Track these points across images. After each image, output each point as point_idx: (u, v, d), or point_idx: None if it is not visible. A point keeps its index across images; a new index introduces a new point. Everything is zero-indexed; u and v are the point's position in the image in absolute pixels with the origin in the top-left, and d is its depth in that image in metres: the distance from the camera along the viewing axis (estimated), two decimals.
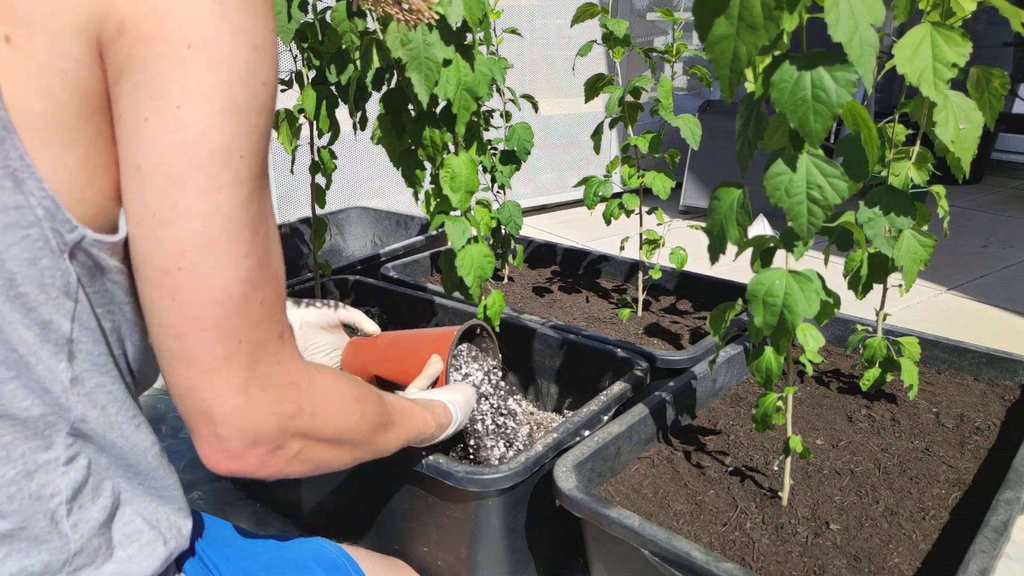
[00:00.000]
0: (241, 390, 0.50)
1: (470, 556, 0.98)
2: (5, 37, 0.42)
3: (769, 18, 0.56)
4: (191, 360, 0.49)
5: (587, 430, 0.98)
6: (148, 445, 0.57)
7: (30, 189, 0.44)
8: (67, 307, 0.48)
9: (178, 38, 0.44)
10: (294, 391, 0.54)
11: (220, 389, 0.50)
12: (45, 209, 0.45)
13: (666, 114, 1.29)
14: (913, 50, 0.71)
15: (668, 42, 1.37)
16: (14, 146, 0.43)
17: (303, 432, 0.55)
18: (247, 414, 0.51)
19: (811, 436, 1.04)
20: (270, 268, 0.51)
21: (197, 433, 0.52)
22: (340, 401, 0.60)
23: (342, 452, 0.62)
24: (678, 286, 1.63)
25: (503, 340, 1.33)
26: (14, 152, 0.43)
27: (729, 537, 0.85)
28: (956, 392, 1.15)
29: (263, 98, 0.48)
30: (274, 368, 0.52)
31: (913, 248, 0.93)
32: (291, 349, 0.54)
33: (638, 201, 1.39)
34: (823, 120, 0.61)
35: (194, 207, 0.46)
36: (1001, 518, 0.77)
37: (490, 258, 1.00)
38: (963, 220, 3.21)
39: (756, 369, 0.80)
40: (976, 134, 0.78)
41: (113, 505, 0.54)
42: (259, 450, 0.53)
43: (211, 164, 0.46)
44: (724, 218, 0.71)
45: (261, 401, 0.51)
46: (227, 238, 0.47)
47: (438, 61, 0.85)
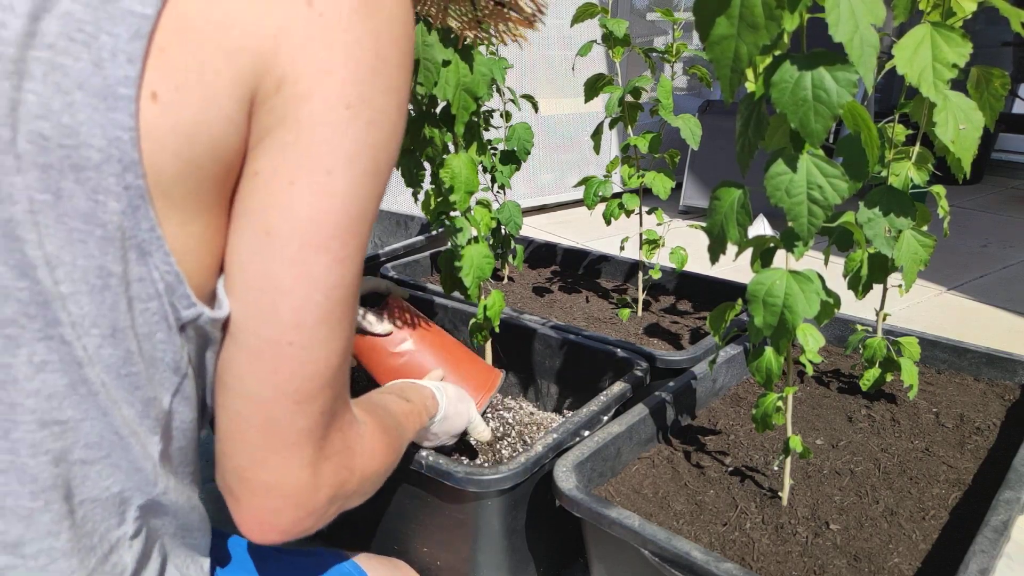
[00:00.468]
0: (310, 463, 0.47)
1: (470, 556, 0.98)
2: (152, 94, 0.39)
3: (770, 18, 0.56)
4: (273, 433, 0.45)
5: (587, 430, 0.98)
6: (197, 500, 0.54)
7: (155, 262, 0.41)
8: (172, 382, 0.45)
9: (338, 98, 0.41)
10: (348, 457, 0.52)
11: (292, 463, 0.47)
12: (166, 283, 0.42)
13: (666, 114, 1.29)
14: (913, 50, 0.71)
15: (668, 42, 1.37)
16: (147, 216, 0.40)
17: (351, 492, 0.53)
18: (310, 489, 0.48)
19: (811, 436, 1.04)
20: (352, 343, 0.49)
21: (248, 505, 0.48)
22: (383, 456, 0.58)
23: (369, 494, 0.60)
24: (678, 286, 1.62)
25: (503, 340, 1.33)
26: (146, 223, 0.40)
27: (729, 537, 0.85)
28: (956, 392, 1.15)
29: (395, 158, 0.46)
30: (337, 435, 0.50)
31: (913, 248, 0.93)
32: (350, 411, 0.52)
33: (638, 201, 1.39)
34: (824, 120, 0.61)
35: (321, 278, 0.43)
36: (1001, 518, 0.77)
37: (490, 258, 1.00)
38: (963, 220, 3.21)
39: (756, 369, 0.80)
40: (976, 134, 0.78)
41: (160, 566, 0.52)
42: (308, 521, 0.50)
43: (346, 232, 0.43)
44: (724, 218, 0.71)
45: (323, 474, 0.49)
46: (341, 310, 0.45)
47: (437, 62, 0.85)
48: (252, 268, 0.43)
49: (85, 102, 0.38)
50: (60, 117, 0.38)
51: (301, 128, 0.41)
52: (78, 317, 0.40)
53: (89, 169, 0.38)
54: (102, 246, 0.40)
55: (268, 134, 0.41)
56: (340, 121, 0.42)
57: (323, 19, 0.41)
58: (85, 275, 0.40)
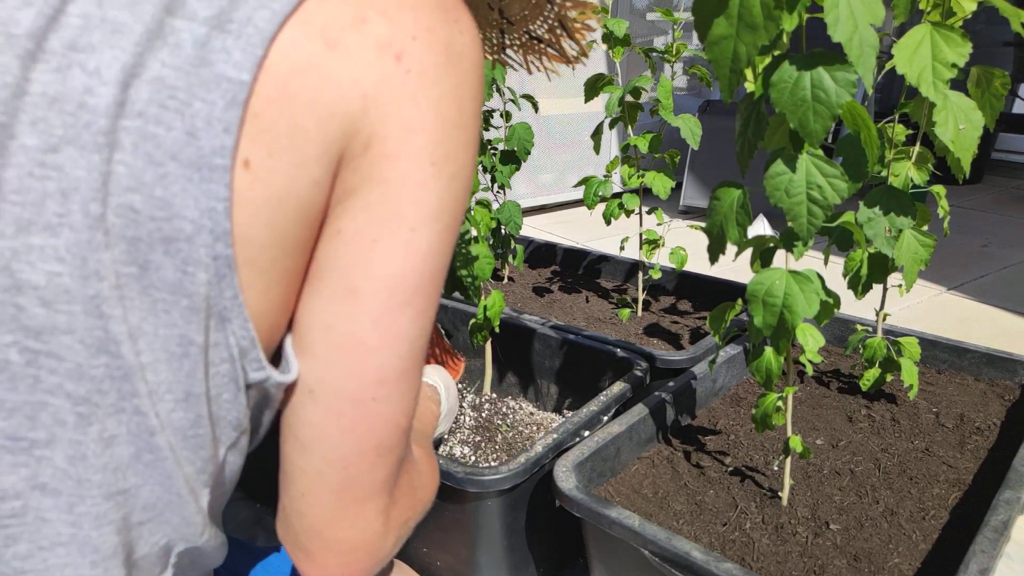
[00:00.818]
0: (383, 512, 0.47)
1: (470, 556, 0.98)
2: (245, 161, 0.37)
3: (769, 18, 0.56)
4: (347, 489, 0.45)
5: (587, 430, 0.98)
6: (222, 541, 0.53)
7: (233, 328, 0.40)
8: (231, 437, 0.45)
9: (424, 156, 0.40)
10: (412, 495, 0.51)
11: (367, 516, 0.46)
12: (241, 348, 0.41)
13: (666, 114, 1.29)
14: (913, 50, 0.71)
15: (668, 42, 1.37)
16: (231, 285, 0.39)
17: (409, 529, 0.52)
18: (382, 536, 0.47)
19: (811, 436, 1.04)
20: None
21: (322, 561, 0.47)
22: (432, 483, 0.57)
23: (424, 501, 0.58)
24: (678, 286, 1.63)
25: (503, 340, 1.33)
26: (230, 291, 0.39)
27: (729, 537, 0.85)
28: (956, 392, 1.15)
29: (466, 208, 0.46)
30: (403, 478, 0.49)
31: (913, 248, 0.93)
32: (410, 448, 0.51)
33: (638, 201, 1.39)
34: (823, 120, 0.61)
35: (405, 333, 0.43)
36: (1001, 518, 0.77)
37: (489, 259, 1.00)
38: (963, 220, 3.21)
39: (756, 369, 0.80)
40: (976, 134, 0.78)
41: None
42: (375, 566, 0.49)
43: (428, 285, 0.43)
44: (724, 218, 0.71)
45: (392, 520, 0.48)
46: (417, 363, 0.45)
47: None
48: (337, 328, 0.42)
49: (179, 173, 0.37)
50: (152, 190, 0.36)
51: (388, 187, 0.40)
52: (155, 385, 0.40)
53: (181, 241, 0.37)
54: (186, 316, 0.39)
55: (352, 194, 0.41)
56: (426, 179, 0.41)
57: (410, 76, 0.40)
58: (166, 344, 0.39)
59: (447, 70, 0.41)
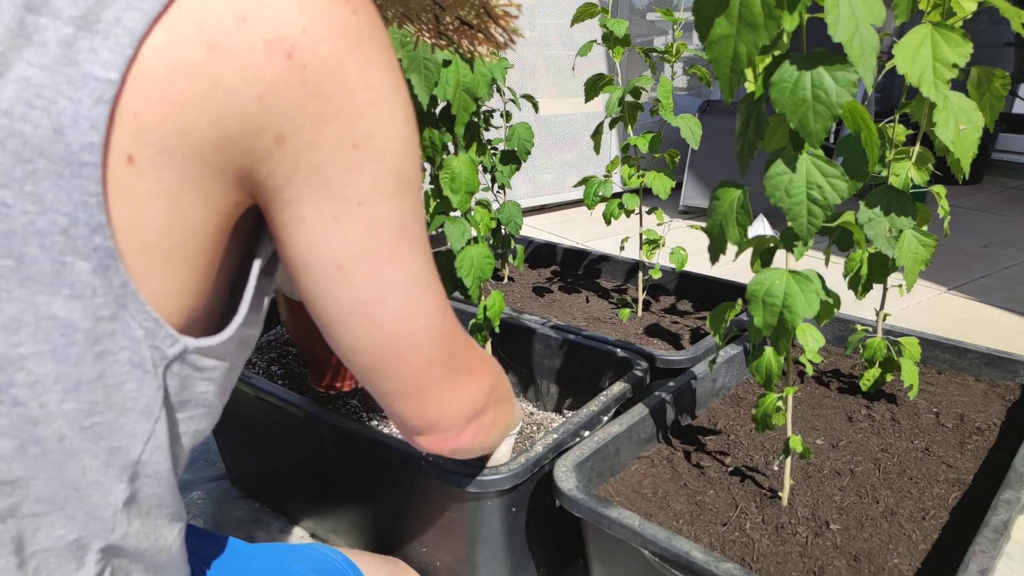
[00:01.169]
0: (460, 387, 0.58)
1: (470, 557, 0.98)
2: (127, 158, 0.39)
3: (769, 18, 0.56)
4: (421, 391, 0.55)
5: (587, 430, 0.98)
6: (174, 536, 0.54)
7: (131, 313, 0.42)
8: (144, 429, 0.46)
9: (344, 141, 0.43)
10: (483, 363, 0.62)
11: (446, 397, 0.57)
12: (146, 330, 0.42)
13: (666, 114, 1.29)
14: (914, 50, 0.71)
15: (668, 42, 1.37)
16: (118, 273, 0.40)
17: (496, 398, 0.63)
18: (468, 402, 0.59)
19: (811, 436, 1.04)
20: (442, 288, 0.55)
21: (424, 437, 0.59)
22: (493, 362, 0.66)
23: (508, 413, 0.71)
24: (678, 286, 1.62)
25: (503, 340, 1.33)
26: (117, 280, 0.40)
27: (729, 537, 0.85)
28: (956, 392, 1.15)
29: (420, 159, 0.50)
30: (467, 352, 0.59)
31: (914, 248, 0.93)
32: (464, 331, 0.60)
33: (638, 201, 1.39)
34: (823, 120, 0.61)
35: (396, 283, 0.49)
36: (1001, 518, 0.76)
37: (490, 259, 1.00)
38: (964, 220, 3.21)
39: (756, 369, 0.80)
40: (976, 134, 0.78)
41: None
42: (472, 425, 0.61)
43: (399, 240, 0.48)
44: (724, 218, 0.71)
45: (474, 387, 0.60)
46: (425, 291, 0.51)
47: (437, 62, 0.85)
48: (337, 296, 0.48)
49: (48, 169, 0.37)
50: (23, 185, 0.37)
51: (320, 173, 0.43)
52: (40, 376, 0.40)
53: (55, 234, 0.38)
54: (68, 305, 0.40)
55: (290, 181, 0.43)
56: (353, 161, 0.44)
57: (307, 71, 0.41)
58: (49, 335, 0.40)
59: (347, 55, 0.42)
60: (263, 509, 1.35)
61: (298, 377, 1.35)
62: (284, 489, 1.27)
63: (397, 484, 1.01)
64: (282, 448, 1.19)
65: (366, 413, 1.30)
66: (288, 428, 1.14)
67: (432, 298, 0.53)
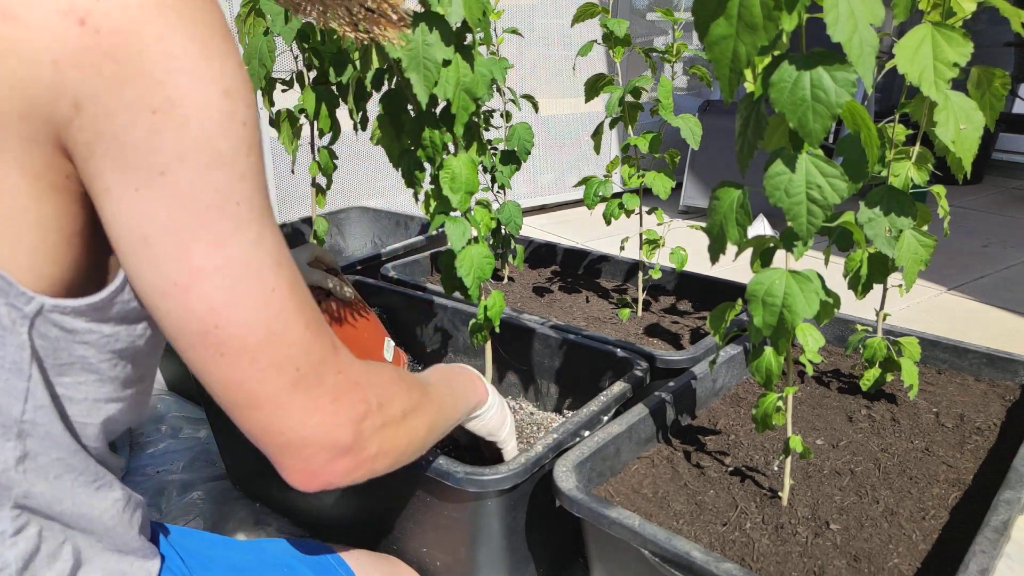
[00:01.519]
0: (315, 410, 0.51)
1: (469, 557, 0.98)
2: None
3: (768, 18, 0.56)
4: (260, 403, 0.50)
5: (587, 430, 0.98)
6: (107, 505, 0.55)
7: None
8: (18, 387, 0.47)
9: (142, 106, 0.42)
10: (360, 391, 0.55)
11: (296, 418, 0.51)
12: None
13: (666, 114, 1.29)
14: (914, 50, 0.71)
15: (668, 42, 1.37)
16: None
17: (379, 425, 0.57)
18: (326, 430, 0.52)
19: (811, 436, 1.04)
20: (302, 291, 0.51)
21: (283, 465, 0.53)
22: (392, 381, 0.61)
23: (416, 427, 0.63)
24: (678, 286, 1.62)
25: (503, 340, 1.33)
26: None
27: (729, 537, 0.85)
28: (956, 392, 1.15)
29: (247, 138, 0.46)
30: (338, 378, 0.53)
31: (914, 248, 0.93)
32: (346, 354, 0.55)
33: (638, 201, 1.39)
34: (822, 120, 0.61)
35: (207, 264, 0.45)
36: (1001, 518, 0.76)
37: (490, 259, 1.00)
38: (964, 220, 3.21)
39: (756, 369, 0.80)
40: (977, 134, 0.78)
41: (74, 567, 0.53)
42: (344, 460, 0.54)
43: (212, 218, 0.45)
44: (724, 218, 0.71)
45: (334, 413, 0.53)
46: (249, 281, 0.47)
47: (437, 61, 0.85)
48: (146, 274, 0.45)
49: None
50: None
51: (119, 141, 0.42)
52: None
53: None
54: None
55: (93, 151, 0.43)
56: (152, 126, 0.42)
57: (101, 36, 0.41)
58: None
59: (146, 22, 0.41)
60: (263, 509, 1.35)
61: None
62: (284, 489, 1.27)
63: (397, 484, 1.01)
64: None
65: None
66: None
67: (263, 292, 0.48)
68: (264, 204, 0.49)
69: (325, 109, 1.23)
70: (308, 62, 1.25)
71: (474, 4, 0.84)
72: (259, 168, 0.48)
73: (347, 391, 0.54)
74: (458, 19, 0.84)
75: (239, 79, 0.46)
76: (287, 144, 1.34)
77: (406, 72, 0.85)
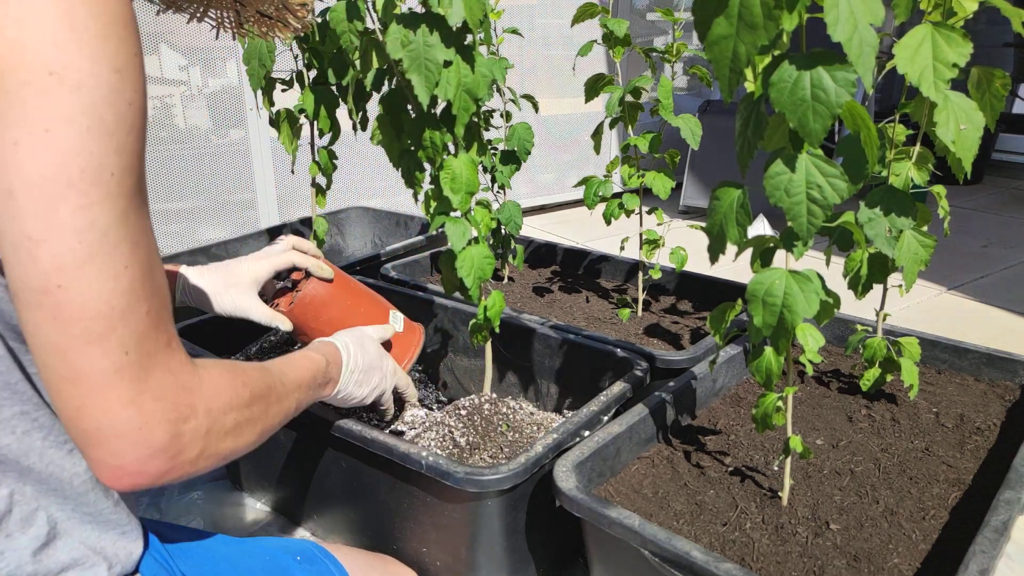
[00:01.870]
0: (132, 403, 0.50)
1: (469, 557, 0.98)
2: None
3: (769, 18, 0.56)
4: (79, 378, 0.49)
5: (587, 430, 0.98)
6: (80, 470, 0.56)
7: None
8: None
9: (39, 66, 0.45)
10: (186, 395, 0.54)
11: (111, 405, 0.49)
12: None
13: (666, 114, 1.29)
14: (914, 50, 0.71)
15: (668, 42, 1.37)
16: None
17: (203, 432, 0.55)
18: (140, 427, 0.51)
19: (811, 436, 1.04)
20: (154, 280, 0.51)
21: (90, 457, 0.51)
22: (231, 390, 0.60)
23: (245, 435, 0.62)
24: (678, 286, 1.62)
25: (503, 340, 1.33)
26: None
27: (729, 537, 0.85)
28: (956, 392, 1.15)
29: (131, 118, 0.48)
30: (166, 377, 0.52)
31: (914, 248, 0.93)
32: (181, 355, 0.55)
33: (638, 201, 1.39)
34: (822, 120, 0.61)
35: (68, 224, 0.47)
36: (1001, 518, 0.76)
37: (490, 259, 1.00)
38: (963, 220, 3.21)
39: (756, 369, 0.80)
40: (977, 134, 0.78)
41: (48, 535, 0.54)
42: (158, 461, 0.52)
43: (82, 182, 0.47)
44: (724, 218, 0.71)
45: (153, 412, 0.51)
46: (105, 252, 0.48)
47: (438, 62, 0.85)
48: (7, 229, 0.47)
49: None
50: None
51: (12, 96, 0.45)
52: None
53: None
54: None
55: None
56: (46, 87, 0.45)
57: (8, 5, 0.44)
58: None
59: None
60: (263, 509, 1.35)
61: None
62: (284, 489, 1.27)
63: (397, 484, 1.01)
64: (282, 448, 1.19)
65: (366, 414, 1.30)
66: (288, 428, 1.14)
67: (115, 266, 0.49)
68: (137, 187, 0.50)
69: (325, 109, 1.23)
70: (308, 62, 1.25)
71: (475, 5, 0.84)
72: (138, 150, 0.50)
73: (172, 393, 0.53)
74: (459, 20, 0.84)
75: (133, 65, 0.49)
76: (287, 144, 1.34)
77: (407, 73, 0.85)
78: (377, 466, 1.03)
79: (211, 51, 2.63)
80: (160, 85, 2.55)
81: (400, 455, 0.94)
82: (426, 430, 1.14)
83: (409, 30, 0.84)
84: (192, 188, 2.56)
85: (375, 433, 0.98)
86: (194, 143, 2.61)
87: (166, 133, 2.54)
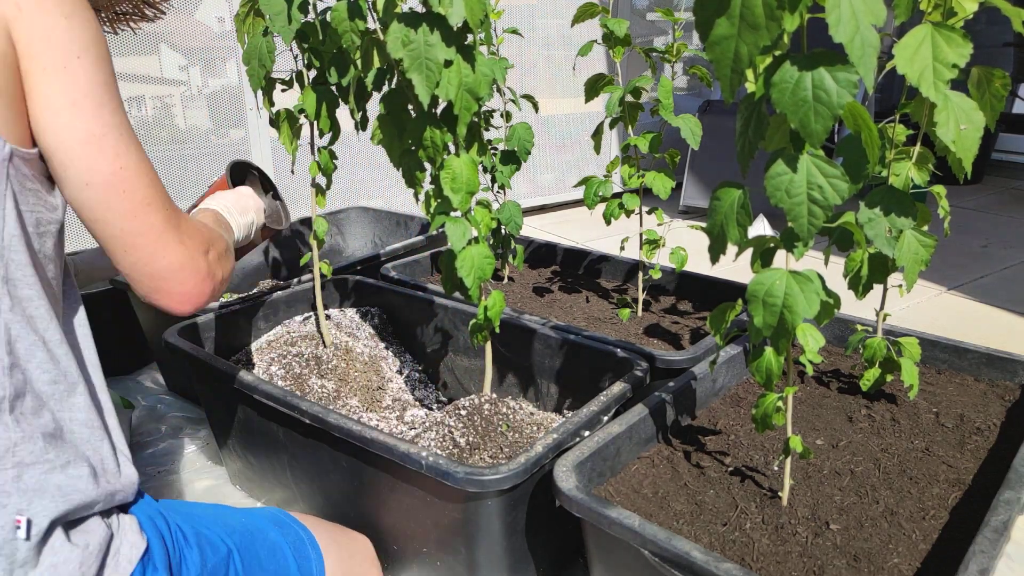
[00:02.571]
0: (181, 243, 0.71)
1: (469, 556, 0.98)
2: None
3: (770, 18, 0.56)
4: (147, 231, 0.68)
5: (587, 430, 0.99)
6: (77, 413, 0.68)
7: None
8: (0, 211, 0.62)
9: (59, 13, 0.63)
10: (199, 234, 0.74)
11: (171, 246, 0.70)
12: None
13: (666, 114, 1.29)
14: (914, 50, 0.71)
15: (668, 42, 1.37)
16: None
17: (215, 257, 0.76)
18: (190, 258, 0.72)
19: (811, 436, 1.04)
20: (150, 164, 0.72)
21: (162, 291, 0.71)
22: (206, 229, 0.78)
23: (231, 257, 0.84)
24: (678, 286, 1.63)
25: (503, 340, 1.33)
26: None
27: (729, 537, 0.85)
28: (956, 392, 1.15)
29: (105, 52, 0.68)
30: (188, 223, 0.73)
31: (914, 248, 0.93)
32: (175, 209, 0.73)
33: (638, 201, 1.39)
34: (824, 120, 0.61)
35: (114, 120, 0.66)
36: (1001, 518, 0.77)
37: (490, 259, 1.00)
38: (963, 220, 3.21)
39: (756, 369, 0.80)
40: (977, 134, 0.78)
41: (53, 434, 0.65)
42: (207, 284, 0.73)
43: (110, 91, 0.67)
44: (724, 218, 0.71)
45: (193, 247, 0.72)
46: (133, 141, 0.68)
47: (439, 62, 0.85)
48: (75, 128, 0.64)
49: None
50: None
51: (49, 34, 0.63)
52: None
53: None
54: None
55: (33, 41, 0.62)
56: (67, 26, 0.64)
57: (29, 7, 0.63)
58: None
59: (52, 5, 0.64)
60: None
61: (298, 377, 1.35)
62: (284, 488, 1.27)
63: (397, 484, 1.01)
64: (282, 447, 1.19)
65: (366, 413, 1.30)
66: (288, 428, 1.14)
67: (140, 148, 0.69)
68: None
69: (325, 109, 1.23)
70: (308, 62, 1.25)
71: (475, 5, 0.84)
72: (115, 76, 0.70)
73: (194, 233, 0.73)
74: (459, 20, 0.84)
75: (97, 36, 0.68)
76: (287, 144, 1.33)
77: (408, 73, 0.85)
78: (377, 466, 1.03)
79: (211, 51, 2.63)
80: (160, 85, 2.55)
81: (400, 455, 0.94)
82: (426, 430, 1.14)
83: (410, 29, 0.84)
84: (192, 188, 2.56)
85: (375, 433, 0.98)
86: (194, 143, 2.61)
87: (166, 133, 2.54)
